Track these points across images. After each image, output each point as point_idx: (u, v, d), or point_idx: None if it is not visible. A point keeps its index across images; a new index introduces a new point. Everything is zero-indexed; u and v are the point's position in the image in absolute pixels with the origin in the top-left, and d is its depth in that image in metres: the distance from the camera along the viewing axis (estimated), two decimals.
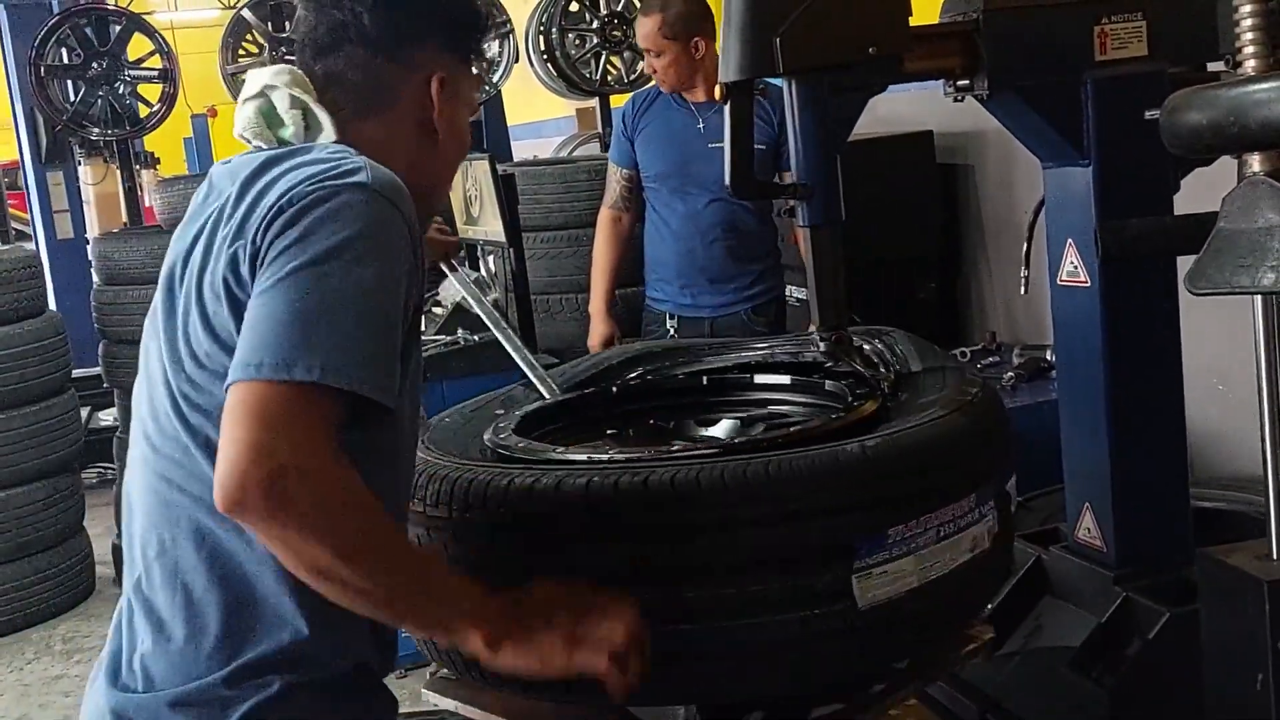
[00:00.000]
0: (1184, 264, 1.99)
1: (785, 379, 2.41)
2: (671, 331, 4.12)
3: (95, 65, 6.51)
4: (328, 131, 1.68)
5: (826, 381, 2.31)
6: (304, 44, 1.76)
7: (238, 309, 1.51)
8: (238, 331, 1.48)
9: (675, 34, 4.02)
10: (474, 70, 1.86)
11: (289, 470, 1.37)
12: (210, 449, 1.47)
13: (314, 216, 1.50)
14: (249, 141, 1.71)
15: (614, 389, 2.48)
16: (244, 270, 1.52)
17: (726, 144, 2.27)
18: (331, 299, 1.45)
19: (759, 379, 2.43)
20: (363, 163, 1.57)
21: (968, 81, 2.42)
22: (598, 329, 4.25)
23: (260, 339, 1.43)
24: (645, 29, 4.09)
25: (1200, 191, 2.35)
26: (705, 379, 2.47)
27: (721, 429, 2.32)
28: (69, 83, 6.70)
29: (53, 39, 6.51)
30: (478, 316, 4.38)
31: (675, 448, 2.03)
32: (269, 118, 1.69)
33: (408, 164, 1.71)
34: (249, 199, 1.57)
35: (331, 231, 1.48)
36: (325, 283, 1.46)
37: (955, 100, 2.49)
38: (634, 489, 1.75)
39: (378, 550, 1.46)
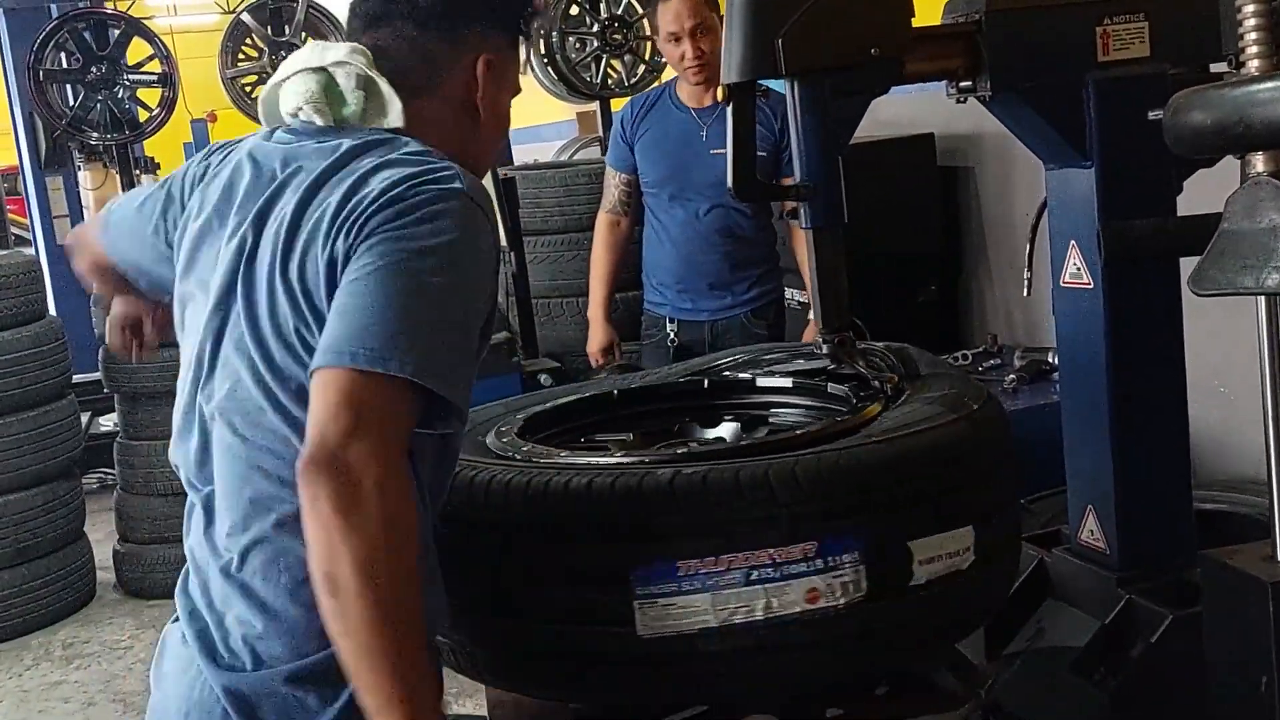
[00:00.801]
0: (1187, 265, 1.99)
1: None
2: (671, 335, 4.11)
3: (94, 70, 6.50)
4: (394, 116, 1.69)
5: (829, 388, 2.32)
6: (354, 14, 1.77)
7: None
8: None
9: (716, 4, 3.88)
10: (520, 52, 1.86)
11: (370, 464, 1.39)
12: None
13: (416, 215, 1.52)
14: (296, 115, 1.70)
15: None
16: (340, 264, 1.53)
17: (729, 145, 2.27)
18: (427, 299, 1.48)
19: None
20: (455, 168, 1.59)
21: (970, 83, 2.41)
22: (597, 334, 4.23)
23: (355, 326, 1.45)
24: (685, 6, 3.88)
25: (1203, 193, 2.34)
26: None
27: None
28: (68, 87, 6.69)
29: (51, 43, 6.50)
30: None
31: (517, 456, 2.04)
32: (331, 94, 1.69)
33: (454, 146, 1.72)
34: (341, 191, 1.57)
35: (431, 232, 1.51)
36: (421, 281, 1.48)
37: (958, 102, 2.49)
38: (459, 488, 1.85)
39: (393, 587, 1.41)
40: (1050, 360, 3.87)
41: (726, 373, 2.53)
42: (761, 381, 2.44)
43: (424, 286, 1.49)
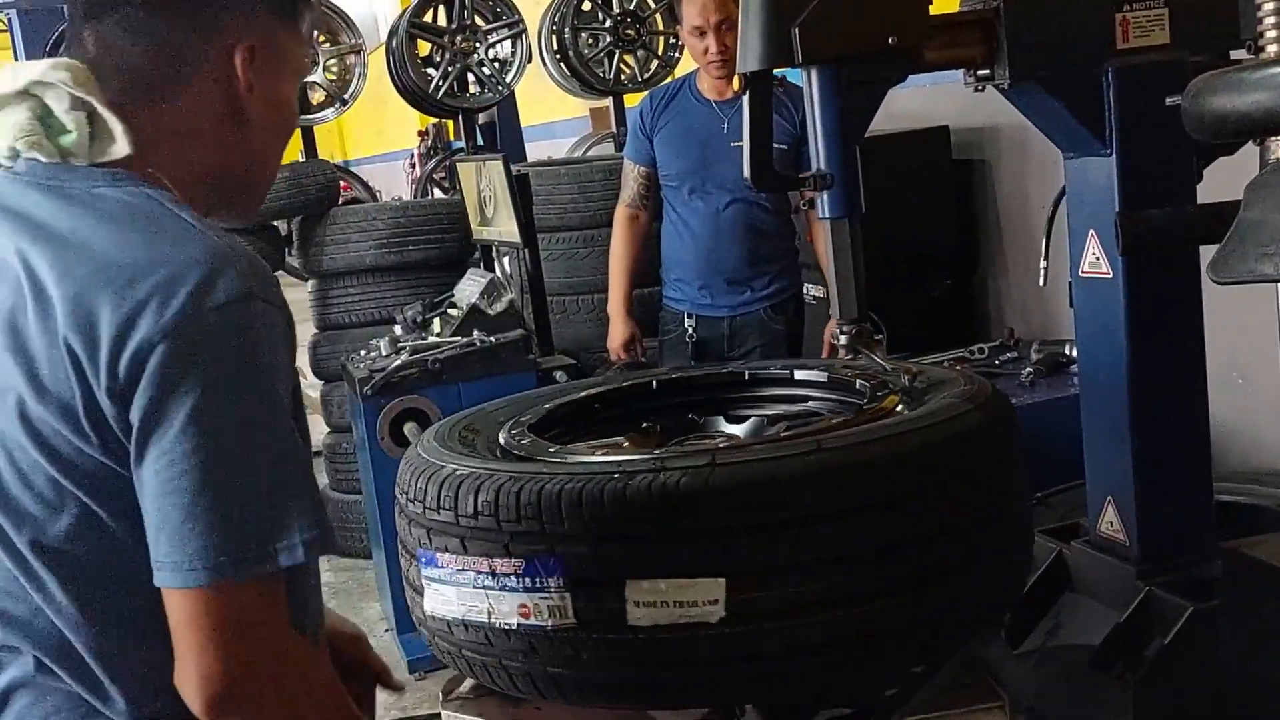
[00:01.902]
0: (1206, 255, 1.98)
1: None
2: (690, 331, 4.09)
3: None
4: (121, 144, 1.36)
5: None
6: (94, 5, 1.42)
7: (104, 444, 1.28)
8: (112, 461, 1.28)
9: None
10: (301, 26, 1.50)
11: (274, 676, 1.28)
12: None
13: (205, 357, 1.25)
14: (16, 155, 1.38)
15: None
16: (104, 403, 1.26)
17: (745, 135, 2.26)
18: (271, 458, 1.28)
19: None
20: (214, 249, 1.30)
21: (988, 71, 2.41)
22: (618, 330, 4.20)
23: (202, 532, 1.24)
24: (712, 1, 3.82)
25: (1223, 181, 2.33)
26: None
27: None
28: None
29: (64, 44, 6.52)
30: (493, 318, 4.40)
31: None
32: (47, 122, 1.37)
33: (217, 156, 1.44)
34: (71, 291, 1.27)
35: (231, 373, 1.26)
36: (258, 440, 1.27)
37: (976, 90, 2.48)
38: None
39: None
40: (1067, 353, 3.85)
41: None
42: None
43: (255, 446, 1.27)
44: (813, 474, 1.77)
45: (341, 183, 6.93)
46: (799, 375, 2.44)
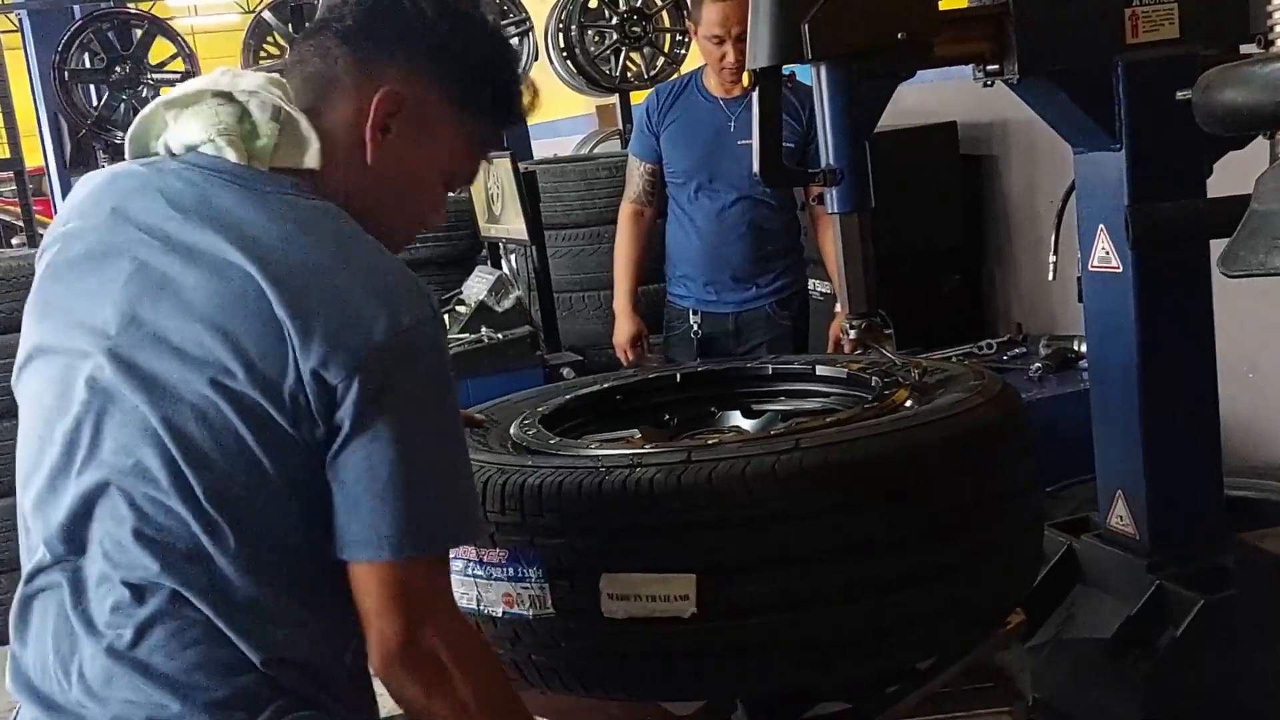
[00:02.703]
0: (1216, 250, 1.98)
1: None
2: (695, 327, 4.09)
3: (118, 69, 6.55)
4: (311, 156, 1.53)
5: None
6: (316, 22, 1.67)
7: (295, 420, 1.41)
8: (297, 434, 1.41)
9: None
10: (472, 119, 1.63)
11: (441, 640, 1.45)
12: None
13: (407, 366, 1.42)
14: (204, 143, 1.52)
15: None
16: (310, 386, 1.39)
17: (755, 131, 2.27)
18: (449, 455, 1.49)
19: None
20: (405, 270, 1.48)
21: (997, 66, 2.41)
22: (624, 327, 4.20)
23: (394, 512, 1.42)
24: (734, 12, 3.75)
25: (1233, 175, 2.33)
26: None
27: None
28: (92, 87, 6.73)
29: (75, 44, 6.56)
30: (501, 314, 4.41)
31: None
32: (244, 126, 1.53)
33: (343, 187, 1.57)
34: (286, 286, 1.40)
35: (428, 379, 1.45)
36: (440, 439, 1.47)
37: (985, 85, 2.48)
38: None
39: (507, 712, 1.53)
40: (1075, 348, 3.86)
41: None
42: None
43: (443, 444, 1.48)
44: (781, 472, 1.76)
45: None
46: (820, 371, 2.44)
